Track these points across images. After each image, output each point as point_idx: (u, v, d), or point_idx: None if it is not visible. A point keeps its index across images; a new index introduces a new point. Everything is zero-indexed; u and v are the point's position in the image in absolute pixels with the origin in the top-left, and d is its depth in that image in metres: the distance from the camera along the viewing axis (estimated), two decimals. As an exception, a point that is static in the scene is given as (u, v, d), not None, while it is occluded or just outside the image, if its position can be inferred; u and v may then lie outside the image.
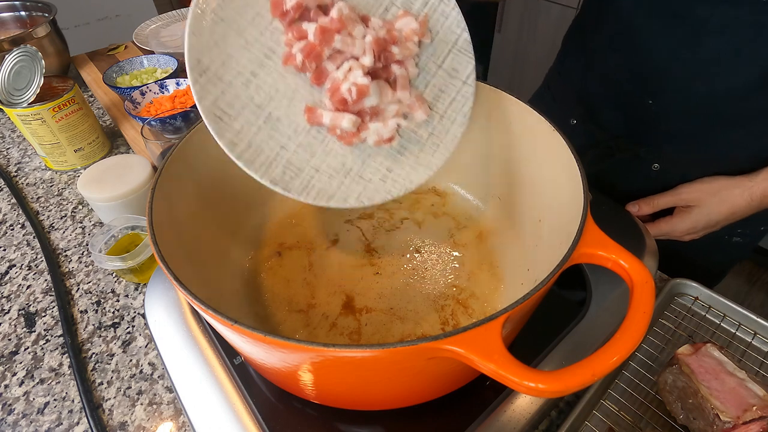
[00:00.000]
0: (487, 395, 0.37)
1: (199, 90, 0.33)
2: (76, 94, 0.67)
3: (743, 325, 0.45)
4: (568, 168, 0.36)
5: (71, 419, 0.42)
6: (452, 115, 0.41)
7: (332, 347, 0.24)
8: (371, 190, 0.38)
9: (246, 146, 0.34)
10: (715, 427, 0.35)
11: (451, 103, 0.41)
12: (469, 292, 0.45)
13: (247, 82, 0.35)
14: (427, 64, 0.40)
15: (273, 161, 0.35)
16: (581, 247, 0.29)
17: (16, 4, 0.89)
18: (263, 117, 0.35)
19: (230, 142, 0.34)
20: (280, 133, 0.36)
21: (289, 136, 0.36)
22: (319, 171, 0.36)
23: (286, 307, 0.44)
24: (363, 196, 0.38)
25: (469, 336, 0.24)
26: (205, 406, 0.37)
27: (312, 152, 0.36)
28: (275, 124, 0.36)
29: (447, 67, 0.40)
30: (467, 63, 0.41)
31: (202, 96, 0.33)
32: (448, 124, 0.41)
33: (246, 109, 0.35)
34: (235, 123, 0.34)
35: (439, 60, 0.40)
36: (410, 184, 0.40)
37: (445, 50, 0.40)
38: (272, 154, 0.35)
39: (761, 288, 1.53)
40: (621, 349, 0.24)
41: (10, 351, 0.47)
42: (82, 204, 0.65)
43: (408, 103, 0.39)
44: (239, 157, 0.34)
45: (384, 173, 0.39)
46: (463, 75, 0.41)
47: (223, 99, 0.34)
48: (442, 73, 0.40)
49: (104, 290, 0.53)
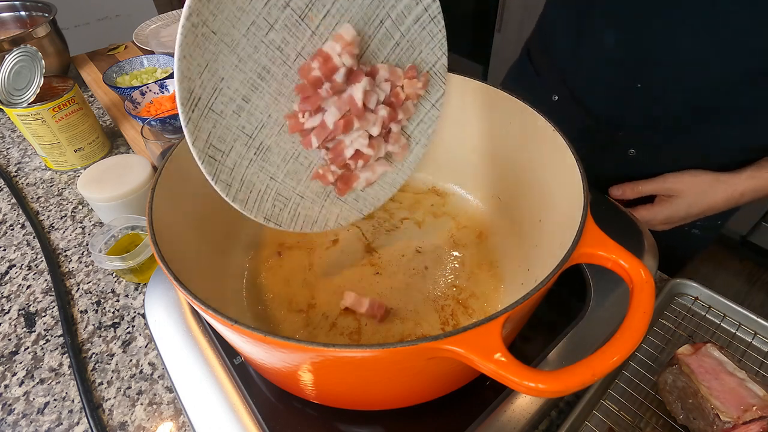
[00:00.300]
0: (487, 395, 0.37)
1: (192, 129, 0.30)
2: (76, 94, 0.67)
3: (743, 325, 0.45)
4: (569, 168, 0.36)
5: (71, 419, 0.42)
6: (417, 137, 0.43)
7: (332, 347, 0.24)
8: (346, 211, 0.41)
9: (239, 185, 0.33)
10: (715, 427, 0.35)
11: (418, 124, 0.43)
12: (469, 292, 0.45)
13: (239, 110, 0.32)
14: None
15: (264, 194, 0.35)
16: (581, 247, 0.29)
17: (16, 4, 0.89)
18: (254, 148, 0.34)
19: (225, 185, 0.32)
20: (270, 163, 0.35)
21: (278, 165, 0.35)
22: (303, 197, 0.37)
23: (286, 307, 0.44)
24: (340, 218, 0.40)
25: (469, 336, 0.24)
26: (205, 406, 0.37)
27: (298, 179, 0.37)
28: (266, 155, 0.35)
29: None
30: (439, 87, 0.42)
31: (196, 137, 0.30)
32: (413, 145, 0.43)
33: (237, 141, 0.33)
34: (228, 160, 0.32)
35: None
36: (377, 201, 0.43)
37: (423, 70, 0.41)
38: (263, 188, 0.35)
39: (761, 288, 1.53)
40: (621, 349, 0.24)
41: (10, 351, 0.47)
42: (82, 204, 0.65)
43: (396, 151, 0.41)
44: (234, 199, 0.33)
45: (357, 194, 0.41)
46: (434, 98, 0.43)
47: (215, 134, 0.31)
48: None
49: (104, 290, 0.53)
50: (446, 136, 0.52)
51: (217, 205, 0.44)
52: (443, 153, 0.54)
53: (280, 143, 0.35)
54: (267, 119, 0.34)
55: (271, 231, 0.51)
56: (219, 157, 0.32)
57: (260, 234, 0.51)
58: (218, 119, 0.31)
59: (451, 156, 0.53)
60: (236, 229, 0.48)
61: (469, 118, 0.49)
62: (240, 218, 0.49)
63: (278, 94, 0.34)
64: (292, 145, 0.35)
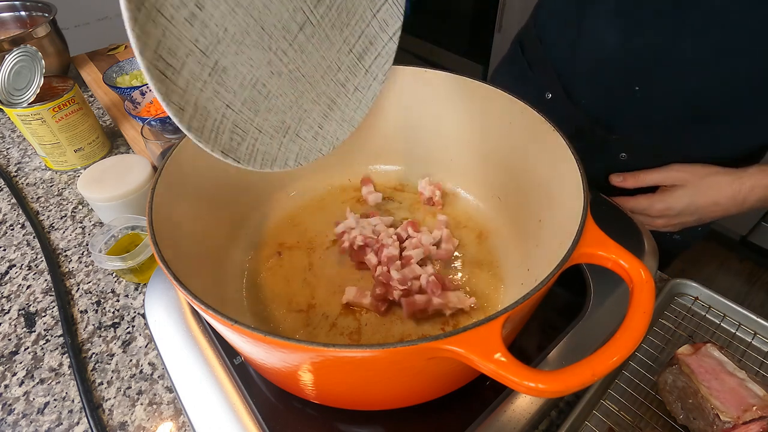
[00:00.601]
0: (487, 395, 0.37)
1: (139, 33, 0.26)
2: (76, 94, 0.67)
3: (743, 325, 0.45)
4: (568, 168, 0.36)
5: (71, 419, 0.42)
6: (375, 72, 0.42)
7: (332, 347, 0.24)
8: (306, 149, 0.39)
9: (193, 110, 0.30)
10: (715, 427, 0.35)
11: (375, 58, 0.42)
12: (469, 292, 0.45)
13: (192, 18, 0.28)
14: (364, 12, 0.39)
15: (220, 125, 0.32)
16: (581, 247, 0.29)
17: (16, 4, 0.89)
18: (209, 68, 0.30)
19: (178, 108, 0.29)
20: (226, 88, 0.31)
21: (235, 91, 0.32)
22: (261, 131, 0.35)
23: (286, 307, 0.44)
24: (300, 157, 0.39)
25: (469, 336, 0.24)
26: (205, 406, 0.37)
27: (256, 110, 0.34)
28: (222, 78, 0.31)
29: (380, 18, 0.40)
30: (397, 18, 0.41)
31: (143, 43, 0.26)
32: (371, 80, 0.42)
33: (190, 57, 0.29)
34: (180, 79, 0.29)
35: (375, 8, 0.39)
36: (336, 141, 0.42)
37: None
38: (219, 117, 0.32)
39: (761, 288, 1.53)
40: (621, 349, 0.24)
41: (10, 351, 0.47)
42: (82, 204, 0.65)
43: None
44: (189, 126, 0.30)
45: (316, 130, 0.40)
46: (391, 30, 0.41)
47: (164, 44, 0.27)
48: (375, 24, 0.40)
49: (104, 290, 0.53)
50: (446, 136, 0.52)
51: (218, 204, 0.45)
52: (443, 153, 0.54)
53: (237, 65, 0.32)
54: (223, 34, 0.30)
55: (271, 231, 0.51)
56: (170, 74, 0.28)
57: (260, 234, 0.51)
58: (168, 27, 0.27)
59: (451, 156, 0.54)
60: (236, 229, 0.48)
61: (469, 118, 0.49)
62: (240, 218, 0.49)
63: (235, 4, 0.30)
64: (249, 69, 0.32)
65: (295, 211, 0.53)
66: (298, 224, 0.52)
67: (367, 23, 0.39)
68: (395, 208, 0.54)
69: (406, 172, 0.57)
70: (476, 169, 0.52)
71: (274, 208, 0.53)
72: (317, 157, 0.40)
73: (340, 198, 0.56)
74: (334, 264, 0.48)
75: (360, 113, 0.42)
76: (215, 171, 0.43)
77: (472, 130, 0.50)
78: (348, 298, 0.43)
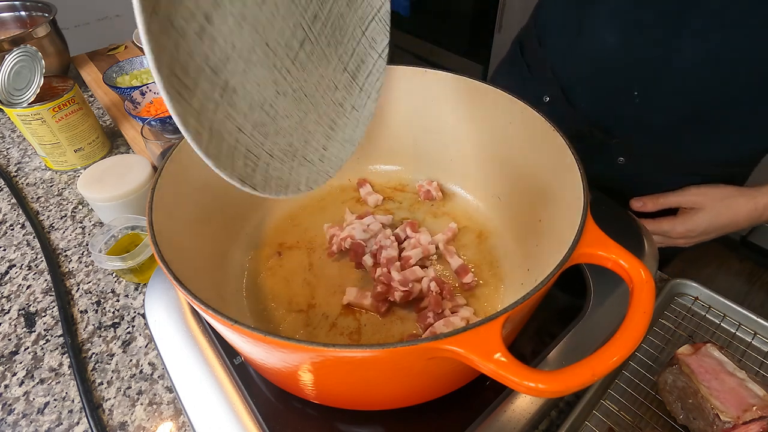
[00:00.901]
0: (487, 395, 0.37)
1: (154, 46, 0.24)
2: (76, 94, 0.67)
3: (743, 325, 0.45)
4: (568, 168, 0.36)
5: (71, 419, 0.42)
6: (368, 90, 0.42)
7: (332, 347, 0.24)
8: (314, 173, 0.39)
9: (209, 135, 0.29)
10: (715, 427, 0.35)
11: (367, 76, 0.42)
12: (469, 292, 0.45)
13: (201, 31, 0.27)
14: (355, 30, 0.39)
15: (234, 150, 0.31)
16: (581, 247, 0.29)
17: (16, 4, 0.89)
18: (219, 88, 0.29)
19: (195, 132, 0.28)
20: (237, 110, 0.31)
21: (245, 114, 0.31)
22: (273, 156, 0.34)
23: (286, 307, 0.44)
24: (310, 181, 0.38)
25: (469, 336, 0.24)
26: (205, 406, 0.37)
27: (265, 133, 0.33)
28: (231, 98, 0.30)
29: (369, 36, 0.40)
30: (384, 35, 0.41)
31: (158, 54, 0.24)
32: (365, 99, 0.42)
33: (201, 75, 0.28)
34: (194, 100, 0.27)
35: (363, 26, 0.39)
36: (340, 161, 0.41)
37: (370, 16, 0.39)
38: (232, 141, 0.31)
39: (761, 288, 1.53)
40: (621, 349, 0.24)
41: (10, 351, 0.47)
42: (82, 204, 0.65)
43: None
44: (207, 152, 0.29)
45: (321, 153, 0.39)
46: (380, 47, 0.41)
47: (177, 60, 0.26)
48: (365, 41, 0.40)
49: (104, 290, 0.53)
50: (446, 136, 0.52)
51: (218, 205, 0.45)
52: (443, 153, 0.54)
53: (245, 85, 0.30)
54: (231, 51, 0.29)
55: (271, 231, 0.51)
56: (186, 95, 0.27)
57: (260, 234, 0.51)
58: (179, 39, 0.26)
59: (451, 156, 0.54)
60: (236, 229, 0.48)
61: (469, 118, 0.49)
62: (240, 218, 0.49)
63: (242, 18, 0.29)
64: (257, 89, 0.31)
65: (295, 211, 0.53)
66: (298, 224, 0.52)
67: (357, 41, 0.39)
68: (395, 208, 0.54)
69: (406, 172, 0.57)
70: (476, 169, 0.52)
71: (274, 208, 0.53)
72: (326, 180, 0.40)
73: (340, 198, 0.56)
74: (334, 264, 0.48)
75: (359, 132, 0.43)
76: (215, 171, 0.43)
77: (472, 130, 0.50)
78: (349, 299, 0.43)
